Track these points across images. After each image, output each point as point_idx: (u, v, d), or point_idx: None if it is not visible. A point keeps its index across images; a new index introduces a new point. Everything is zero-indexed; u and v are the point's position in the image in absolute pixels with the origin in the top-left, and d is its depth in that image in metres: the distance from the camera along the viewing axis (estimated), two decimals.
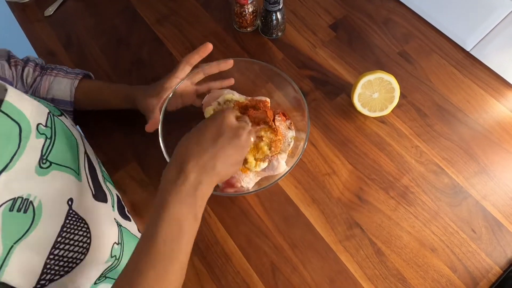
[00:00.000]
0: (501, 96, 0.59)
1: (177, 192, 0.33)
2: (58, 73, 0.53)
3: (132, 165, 0.56)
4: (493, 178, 0.53)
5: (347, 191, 0.53)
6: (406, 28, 0.66)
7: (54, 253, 0.33)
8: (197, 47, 0.66)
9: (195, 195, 0.33)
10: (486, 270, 0.48)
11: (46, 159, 0.35)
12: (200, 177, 0.34)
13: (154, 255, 0.30)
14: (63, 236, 0.34)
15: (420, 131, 0.57)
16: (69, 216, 0.36)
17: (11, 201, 0.30)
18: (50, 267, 0.33)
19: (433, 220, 0.50)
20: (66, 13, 0.72)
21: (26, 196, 0.32)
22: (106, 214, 0.43)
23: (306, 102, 0.48)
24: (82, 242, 0.36)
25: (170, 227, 0.32)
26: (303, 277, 0.48)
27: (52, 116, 0.38)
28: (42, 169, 0.34)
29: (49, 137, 0.36)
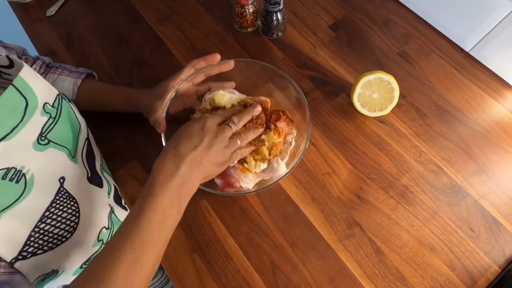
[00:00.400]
0: (499, 96, 0.60)
1: (166, 184, 0.34)
2: (62, 72, 0.54)
3: (133, 164, 0.57)
4: (491, 178, 0.53)
5: (347, 191, 0.53)
6: (405, 28, 0.67)
7: (39, 226, 0.34)
8: (198, 47, 0.67)
9: (181, 189, 0.35)
10: (485, 269, 0.48)
11: (45, 136, 0.36)
12: (189, 172, 0.36)
13: (136, 237, 0.32)
14: (51, 211, 0.35)
15: (419, 131, 0.57)
16: (60, 193, 0.37)
17: (4, 170, 0.31)
18: (34, 240, 0.34)
19: (432, 219, 0.51)
20: (67, 13, 0.73)
21: (20, 167, 0.33)
22: (99, 198, 0.44)
23: (307, 103, 0.48)
24: (69, 220, 0.37)
25: (155, 214, 0.33)
26: (303, 276, 0.48)
27: (60, 99, 0.40)
28: (40, 145, 0.35)
29: (53, 117, 0.38)
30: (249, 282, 0.48)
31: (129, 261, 0.31)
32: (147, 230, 0.32)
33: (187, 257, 0.49)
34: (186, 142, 0.38)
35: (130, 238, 0.32)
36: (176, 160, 0.36)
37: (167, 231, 0.34)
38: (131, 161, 0.57)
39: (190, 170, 0.36)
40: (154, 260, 0.33)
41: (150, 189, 0.34)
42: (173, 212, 0.35)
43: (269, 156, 0.46)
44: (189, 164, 0.36)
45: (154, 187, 0.34)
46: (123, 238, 0.32)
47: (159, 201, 0.34)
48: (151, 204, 0.33)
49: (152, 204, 0.33)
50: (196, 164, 0.37)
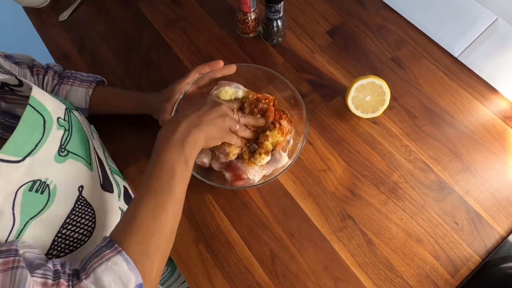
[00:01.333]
0: (485, 99, 0.64)
1: (168, 142, 0.40)
2: (74, 82, 0.57)
3: (143, 160, 0.61)
4: (475, 175, 0.57)
5: (341, 186, 0.57)
6: (398, 35, 0.71)
7: (62, 232, 0.38)
8: (202, 51, 0.72)
9: (183, 143, 0.40)
10: (467, 258, 0.52)
11: (65, 148, 0.40)
12: (187, 130, 0.41)
13: (153, 189, 0.37)
14: (72, 218, 0.39)
15: (410, 131, 0.61)
16: (79, 201, 0.40)
17: (31, 183, 0.34)
18: (57, 244, 0.37)
19: (419, 213, 0.55)
20: (79, 18, 0.77)
21: (44, 179, 0.36)
22: (110, 203, 0.48)
23: (304, 105, 0.52)
24: (87, 225, 0.41)
25: (163, 168, 0.38)
26: (299, 264, 0.52)
27: (68, 112, 0.43)
28: (61, 157, 0.39)
29: (67, 129, 0.41)
30: (250, 270, 0.52)
31: (152, 205, 0.36)
32: (160, 181, 0.37)
33: (193, 247, 0.53)
34: (185, 110, 0.43)
35: (147, 189, 0.37)
36: (174, 125, 0.41)
37: (179, 180, 0.39)
38: (141, 158, 0.61)
39: (188, 130, 0.41)
40: (174, 203, 0.38)
41: (156, 149, 0.40)
42: (181, 164, 0.39)
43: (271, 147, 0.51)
44: (186, 125, 0.41)
45: (158, 147, 0.40)
46: (141, 191, 0.37)
47: (164, 157, 0.38)
48: (158, 161, 0.38)
49: (159, 160, 0.38)
50: (194, 124, 0.41)
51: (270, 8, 0.63)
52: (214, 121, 0.43)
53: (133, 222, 0.35)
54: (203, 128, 0.42)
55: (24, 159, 0.34)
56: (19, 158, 0.33)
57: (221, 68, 0.55)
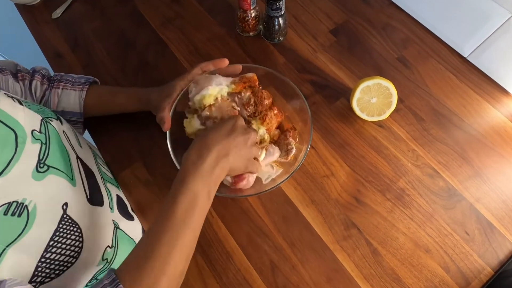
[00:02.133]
0: (496, 101, 0.61)
1: (196, 170, 0.37)
2: (65, 85, 0.53)
3: (137, 164, 0.58)
4: (486, 182, 0.55)
5: (345, 193, 0.54)
6: (404, 33, 0.68)
7: (46, 256, 0.34)
8: (201, 50, 0.69)
9: (210, 175, 0.38)
10: (478, 270, 0.49)
11: (44, 163, 0.36)
12: (216, 160, 0.39)
13: (174, 221, 0.35)
14: (55, 240, 0.35)
15: (417, 135, 0.58)
16: (63, 221, 0.37)
17: (6, 205, 0.31)
18: (42, 270, 0.34)
19: (427, 222, 0.52)
20: (73, 16, 0.74)
21: (22, 200, 0.32)
22: (101, 218, 0.44)
23: (310, 110, 0.49)
24: (74, 246, 0.38)
25: (187, 198, 0.36)
26: (301, 275, 0.50)
27: (45, 123, 0.39)
28: (39, 173, 0.35)
29: (44, 143, 0.37)
30: (249, 281, 0.50)
31: (168, 240, 0.34)
32: (181, 212, 0.35)
33: None
34: (215, 134, 0.40)
35: (167, 221, 0.35)
36: (205, 150, 0.39)
37: (200, 214, 0.37)
38: (136, 161, 0.58)
39: (216, 160, 0.38)
40: (190, 239, 0.36)
41: (181, 177, 0.37)
42: (203, 197, 0.37)
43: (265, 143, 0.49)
44: (215, 154, 0.39)
45: (184, 175, 0.37)
46: (160, 222, 0.35)
47: (191, 186, 0.36)
48: (182, 189, 0.36)
49: (183, 189, 0.36)
50: (223, 155, 0.39)
51: (271, 6, 0.60)
52: (242, 151, 0.41)
53: (143, 263, 0.33)
54: (231, 160, 0.40)
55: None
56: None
57: (226, 67, 0.52)
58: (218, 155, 0.39)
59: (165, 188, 0.56)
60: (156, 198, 0.56)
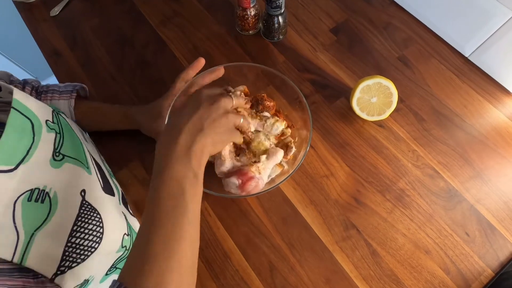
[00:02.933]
0: (497, 102, 0.60)
1: (171, 155, 0.34)
2: (52, 96, 0.53)
3: (135, 163, 0.58)
4: (487, 183, 0.54)
5: (344, 193, 0.54)
6: (406, 33, 0.67)
7: (71, 241, 0.35)
8: (200, 48, 0.68)
9: (189, 154, 0.34)
10: (479, 272, 0.49)
11: (59, 152, 0.37)
12: (190, 137, 0.35)
13: (163, 214, 0.31)
14: (78, 225, 0.36)
15: (417, 135, 0.58)
16: (83, 206, 0.37)
17: (28, 192, 0.32)
18: (69, 255, 0.35)
19: (428, 223, 0.52)
20: (71, 13, 0.74)
21: (43, 187, 0.33)
22: (114, 206, 0.45)
23: (309, 110, 0.48)
24: (95, 231, 0.38)
25: (170, 186, 0.32)
26: (300, 276, 0.49)
27: (56, 114, 0.40)
28: (56, 161, 0.36)
29: (58, 132, 0.38)
30: (247, 282, 0.49)
31: (163, 234, 0.30)
32: (169, 203, 0.32)
33: None
34: (180, 115, 0.37)
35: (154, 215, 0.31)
36: (175, 133, 0.35)
37: (191, 198, 0.33)
38: (134, 160, 0.58)
39: (191, 137, 0.35)
40: (189, 227, 0.32)
41: (157, 167, 0.34)
42: (189, 179, 0.33)
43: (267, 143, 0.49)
44: (188, 133, 0.35)
45: (160, 164, 0.34)
46: (150, 219, 0.32)
47: (170, 174, 0.33)
48: (163, 180, 0.33)
49: (164, 179, 0.33)
50: (196, 131, 0.35)
51: (271, 4, 0.59)
52: (218, 121, 0.37)
53: (144, 261, 0.29)
54: (208, 132, 0.36)
55: (17, 167, 0.31)
56: (11, 166, 0.31)
57: (209, 73, 0.50)
58: (192, 132, 0.35)
59: None
60: None
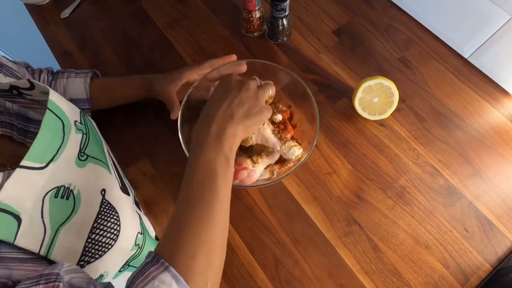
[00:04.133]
0: (496, 102, 0.62)
1: (204, 141, 0.37)
2: (69, 75, 0.56)
3: (143, 161, 0.60)
4: (486, 180, 0.56)
5: (347, 190, 0.55)
6: (407, 35, 0.69)
7: (91, 237, 0.37)
8: (206, 50, 0.70)
9: (220, 140, 0.37)
10: (477, 267, 0.50)
11: (84, 152, 0.39)
12: (222, 124, 0.37)
13: (196, 196, 0.34)
14: (99, 222, 0.38)
15: (418, 134, 0.60)
16: (103, 205, 0.39)
17: (56, 189, 0.34)
18: (88, 250, 0.36)
19: (428, 219, 0.53)
20: (81, 16, 0.76)
21: (68, 185, 0.35)
22: (129, 206, 0.46)
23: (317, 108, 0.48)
24: (113, 229, 0.40)
25: (202, 171, 0.35)
26: (303, 270, 0.51)
27: (83, 115, 0.42)
28: (81, 161, 0.38)
29: (85, 133, 0.40)
30: (252, 275, 0.51)
31: (196, 212, 0.33)
32: (202, 186, 0.34)
33: None
34: (214, 103, 0.39)
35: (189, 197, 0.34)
36: (206, 123, 0.38)
37: (223, 182, 0.35)
38: (142, 158, 0.60)
39: (222, 125, 0.37)
40: (220, 209, 0.34)
41: (192, 155, 0.37)
42: (221, 164, 0.36)
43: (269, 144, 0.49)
44: (220, 121, 0.37)
45: (195, 152, 0.36)
46: (185, 198, 0.34)
47: (203, 160, 0.35)
48: (197, 165, 0.35)
49: (198, 164, 0.35)
50: (227, 118, 0.38)
51: (275, 7, 0.61)
52: (248, 105, 0.39)
53: (178, 236, 0.32)
54: (238, 119, 0.38)
55: (47, 165, 0.33)
56: (42, 164, 0.33)
57: (233, 65, 0.53)
58: (222, 120, 0.38)
59: (171, 184, 0.58)
60: (162, 194, 0.57)
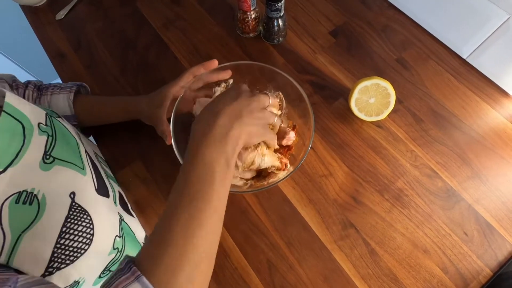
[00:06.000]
0: (495, 103, 0.61)
1: (206, 138, 0.33)
2: (53, 91, 0.55)
3: (136, 163, 0.59)
4: (485, 183, 0.54)
5: (343, 193, 0.54)
6: (404, 35, 0.68)
7: (60, 242, 0.35)
8: (201, 51, 0.69)
9: (225, 139, 0.33)
10: (477, 272, 0.49)
11: (50, 154, 0.37)
12: (229, 122, 0.34)
13: (187, 198, 0.31)
14: (68, 226, 0.36)
15: (416, 135, 0.58)
16: (72, 208, 0.38)
17: (16, 195, 0.32)
18: (57, 256, 0.35)
19: (426, 223, 0.52)
20: (76, 17, 0.75)
21: (31, 190, 0.34)
22: (108, 208, 0.45)
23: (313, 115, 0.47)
24: (85, 232, 0.39)
25: (201, 170, 0.32)
26: (298, 275, 0.49)
27: (50, 117, 0.41)
28: (46, 164, 0.37)
29: (51, 135, 0.39)
30: (246, 279, 0.49)
31: (184, 219, 0.30)
32: (196, 188, 0.31)
33: None
34: (221, 100, 0.36)
35: (179, 197, 0.31)
36: (212, 116, 0.34)
37: (220, 185, 0.32)
38: (135, 160, 0.59)
39: (229, 123, 0.34)
40: (212, 215, 0.31)
41: (190, 149, 0.33)
42: (220, 166, 0.32)
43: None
44: (227, 118, 0.34)
45: (194, 147, 0.33)
46: (174, 202, 0.31)
47: (202, 158, 0.32)
48: (194, 162, 0.32)
49: (195, 162, 0.32)
50: (235, 117, 0.34)
51: (270, 7, 0.61)
52: (256, 113, 0.36)
53: (159, 245, 0.29)
54: (246, 121, 0.34)
55: (6, 169, 0.32)
56: (0, 169, 0.31)
57: (218, 72, 0.51)
58: (230, 117, 0.34)
59: (164, 186, 0.57)
60: (154, 196, 0.56)
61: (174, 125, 0.46)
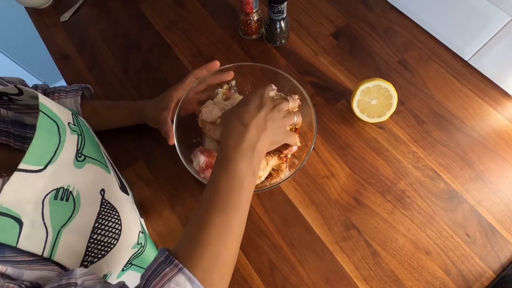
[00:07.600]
0: (497, 104, 0.61)
1: (239, 149, 0.36)
2: (59, 95, 0.56)
3: (139, 164, 0.59)
4: (488, 184, 0.54)
5: (345, 194, 0.54)
6: (406, 37, 0.68)
7: (93, 237, 0.37)
8: (203, 52, 0.70)
9: (253, 151, 0.37)
10: (480, 273, 0.49)
11: (81, 153, 0.39)
12: (257, 135, 0.37)
13: (220, 204, 0.34)
14: (100, 222, 0.38)
15: (418, 137, 0.58)
16: (103, 205, 0.39)
17: (55, 191, 0.34)
18: (91, 250, 0.36)
19: (428, 224, 0.52)
20: (80, 19, 0.76)
21: (67, 186, 0.35)
22: (130, 205, 0.46)
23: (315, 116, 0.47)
24: (115, 228, 0.40)
25: (233, 180, 0.35)
26: (300, 276, 0.49)
27: (76, 116, 0.42)
28: (79, 162, 0.38)
29: (80, 134, 0.40)
30: (248, 280, 0.50)
31: (219, 223, 0.33)
32: (228, 196, 0.34)
33: None
34: (248, 111, 0.39)
35: (213, 203, 0.34)
36: (242, 128, 0.37)
37: (247, 195, 0.36)
38: (138, 160, 0.59)
39: (256, 135, 0.37)
40: (239, 221, 0.35)
41: (223, 158, 0.36)
42: (248, 176, 0.36)
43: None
44: (255, 130, 0.37)
45: (226, 156, 0.36)
46: (206, 206, 0.34)
47: (234, 168, 0.35)
48: (227, 171, 0.35)
49: (228, 171, 0.35)
50: (261, 129, 0.38)
51: (273, 9, 0.61)
52: (278, 123, 0.40)
53: (198, 244, 0.32)
54: (270, 132, 0.38)
55: (46, 167, 0.33)
56: (41, 167, 0.33)
57: (220, 73, 0.52)
58: (257, 130, 0.37)
59: (166, 187, 0.57)
60: (157, 197, 0.56)
61: (176, 126, 0.47)
